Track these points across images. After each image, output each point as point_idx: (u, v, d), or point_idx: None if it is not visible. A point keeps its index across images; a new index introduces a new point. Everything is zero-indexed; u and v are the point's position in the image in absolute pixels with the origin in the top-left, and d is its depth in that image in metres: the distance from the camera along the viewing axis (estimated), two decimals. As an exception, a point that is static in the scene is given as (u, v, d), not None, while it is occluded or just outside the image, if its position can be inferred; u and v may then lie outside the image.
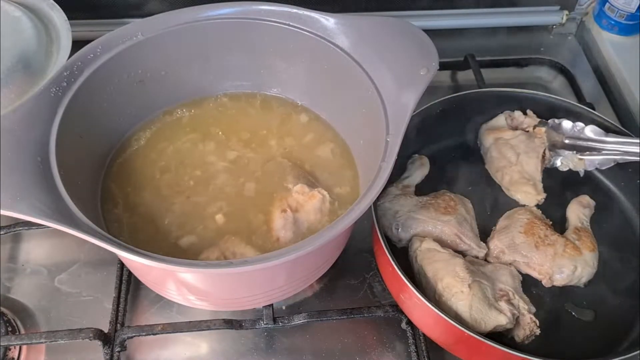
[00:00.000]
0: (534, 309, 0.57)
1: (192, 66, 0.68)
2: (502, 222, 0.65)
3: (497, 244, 0.63)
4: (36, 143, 0.53)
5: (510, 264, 0.62)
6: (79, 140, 0.58)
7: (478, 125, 0.73)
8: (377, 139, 0.55)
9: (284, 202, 0.59)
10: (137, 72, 0.65)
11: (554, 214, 0.66)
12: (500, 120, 0.72)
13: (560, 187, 0.69)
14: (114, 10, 0.87)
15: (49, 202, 0.49)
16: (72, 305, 0.65)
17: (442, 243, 0.61)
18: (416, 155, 0.71)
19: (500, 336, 0.55)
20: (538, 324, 0.56)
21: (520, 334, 0.56)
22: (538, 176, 0.67)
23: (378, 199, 0.63)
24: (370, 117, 0.59)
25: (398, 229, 0.62)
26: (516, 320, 0.56)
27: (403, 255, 0.62)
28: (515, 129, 0.71)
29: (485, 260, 0.63)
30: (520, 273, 0.61)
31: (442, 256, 0.58)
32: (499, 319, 0.55)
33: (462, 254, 0.61)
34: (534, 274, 0.62)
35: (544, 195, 0.66)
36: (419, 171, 0.69)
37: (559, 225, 0.66)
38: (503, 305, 0.56)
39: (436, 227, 0.62)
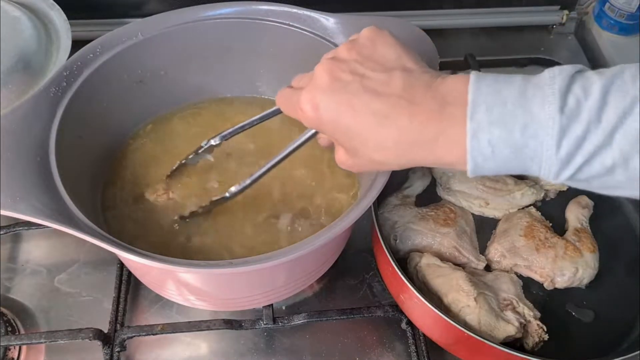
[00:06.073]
0: (538, 314, 0.57)
1: (192, 66, 0.68)
2: (501, 226, 0.65)
3: (497, 247, 0.62)
4: (36, 143, 0.53)
5: (511, 268, 0.62)
6: (78, 140, 0.58)
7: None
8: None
9: None
10: (137, 72, 0.65)
11: (553, 215, 0.66)
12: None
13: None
14: (114, 10, 0.87)
15: (49, 202, 0.49)
16: (72, 305, 0.65)
17: (441, 256, 0.61)
18: None
19: (509, 345, 0.54)
20: (546, 330, 0.56)
21: (529, 342, 0.56)
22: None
23: (377, 208, 0.63)
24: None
25: (396, 240, 0.62)
26: (524, 328, 0.56)
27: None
28: None
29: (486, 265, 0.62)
30: (521, 276, 0.61)
31: (443, 271, 0.58)
32: (507, 330, 0.54)
33: (461, 267, 0.61)
34: (536, 277, 0.61)
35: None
36: (420, 181, 0.69)
37: (559, 226, 0.65)
38: (509, 314, 0.56)
39: (435, 239, 0.62)
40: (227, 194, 0.56)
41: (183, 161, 0.63)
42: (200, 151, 0.62)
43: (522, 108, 0.37)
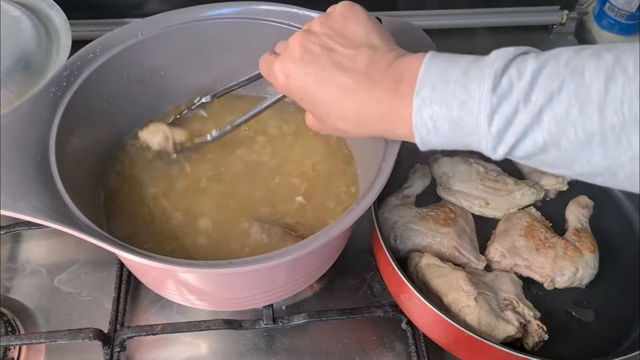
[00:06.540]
0: (538, 314, 0.57)
1: (192, 66, 0.68)
2: (501, 225, 0.65)
3: (497, 247, 0.62)
4: (36, 143, 0.53)
5: (511, 268, 0.62)
6: (78, 140, 0.58)
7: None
8: (377, 139, 0.55)
9: None
10: (137, 72, 0.65)
11: (553, 215, 0.66)
12: None
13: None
14: (114, 10, 0.87)
15: (49, 202, 0.49)
16: (72, 305, 0.65)
17: (441, 256, 0.61)
18: (418, 164, 0.70)
19: (509, 345, 0.54)
20: (546, 330, 0.56)
21: (529, 342, 0.56)
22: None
23: (377, 208, 0.63)
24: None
25: (396, 240, 0.62)
26: (524, 328, 0.56)
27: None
28: None
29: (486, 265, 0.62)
30: (521, 276, 0.61)
31: (443, 271, 0.58)
32: (507, 330, 0.54)
33: (461, 267, 0.61)
34: (536, 277, 0.61)
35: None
36: (420, 181, 0.69)
37: (559, 226, 0.65)
38: (509, 314, 0.56)
39: (435, 239, 0.62)
40: (208, 137, 0.62)
41: (178, 116, 0.67)
42: (193, 107, 0.67)
43: (462, 87, 0.39)
